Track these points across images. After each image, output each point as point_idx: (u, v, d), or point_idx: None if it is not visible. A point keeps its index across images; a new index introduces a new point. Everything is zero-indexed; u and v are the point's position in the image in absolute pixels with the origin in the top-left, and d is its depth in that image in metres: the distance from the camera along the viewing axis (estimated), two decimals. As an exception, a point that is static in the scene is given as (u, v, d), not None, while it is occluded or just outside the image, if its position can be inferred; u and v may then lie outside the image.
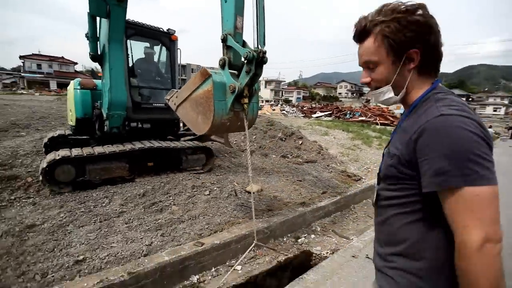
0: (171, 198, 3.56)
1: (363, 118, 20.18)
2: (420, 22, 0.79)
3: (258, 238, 2.73)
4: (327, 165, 6.02)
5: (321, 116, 22.86)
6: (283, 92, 75.99)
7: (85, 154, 3.62)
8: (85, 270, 2.05)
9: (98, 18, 3.92)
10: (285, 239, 3.20)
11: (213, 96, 2.36)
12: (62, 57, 52.98)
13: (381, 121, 18.56)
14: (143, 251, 2.36)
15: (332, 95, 76.93)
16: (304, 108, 27.98)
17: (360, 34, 0.89)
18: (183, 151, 4.62)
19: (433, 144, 0.72)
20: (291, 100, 63.43)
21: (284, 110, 27.41)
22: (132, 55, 4.75)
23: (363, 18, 0.88)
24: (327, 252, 3.04)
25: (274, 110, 27.27)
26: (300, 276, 2.39)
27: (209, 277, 2.44)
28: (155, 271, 2.11)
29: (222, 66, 2.54)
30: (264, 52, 2.42)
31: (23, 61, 48.29)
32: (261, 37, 2.64)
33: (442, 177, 0.70)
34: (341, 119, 20.88)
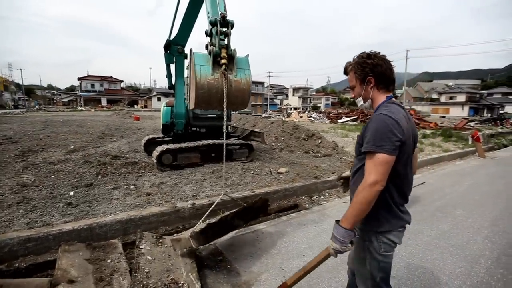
0: (229, 174, 5.57)
1: (388, 121, 20.96)
2: (371, 63, 1.42)
3: (284, 194, 4.64)
4: (340, 158, 7.71)
5: (346, 121, 23.95)
6: (311, 99, 76.71)
7: (177, 147, 5.82)
8: (198, 198, 4.10)
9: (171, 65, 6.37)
10: (303, 197, 5.03)
11: (195, 65, 2.77)
12: (111, 77, 59.80)
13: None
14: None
15: (361, 99, 75.62)
16: (331, 114, 29.13)
17: (345, 71, 1.58)
18: (233, 146, 6.69)
19: (370, 127, 1.34)
20: (320, 107, 64.03)
21: (311, 116, 28.89)
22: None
23: (347, 62, 1.55)
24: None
25: (301, 117, 28.87)
26: (307, 208, 4.22)
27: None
28: (232, 200, 4.09)
29: (206, 48, 3.03)
30: (225, 14, 2.85)
31: (80, 82, 55.64)
32: (220, 5, 3.19)
33: (368, 144, 1.30)
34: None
